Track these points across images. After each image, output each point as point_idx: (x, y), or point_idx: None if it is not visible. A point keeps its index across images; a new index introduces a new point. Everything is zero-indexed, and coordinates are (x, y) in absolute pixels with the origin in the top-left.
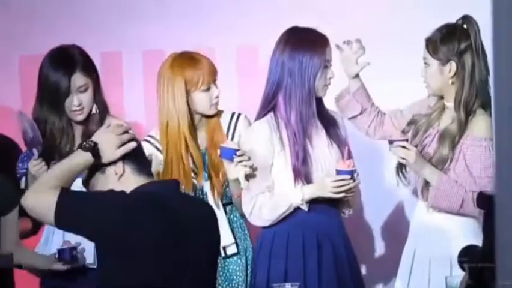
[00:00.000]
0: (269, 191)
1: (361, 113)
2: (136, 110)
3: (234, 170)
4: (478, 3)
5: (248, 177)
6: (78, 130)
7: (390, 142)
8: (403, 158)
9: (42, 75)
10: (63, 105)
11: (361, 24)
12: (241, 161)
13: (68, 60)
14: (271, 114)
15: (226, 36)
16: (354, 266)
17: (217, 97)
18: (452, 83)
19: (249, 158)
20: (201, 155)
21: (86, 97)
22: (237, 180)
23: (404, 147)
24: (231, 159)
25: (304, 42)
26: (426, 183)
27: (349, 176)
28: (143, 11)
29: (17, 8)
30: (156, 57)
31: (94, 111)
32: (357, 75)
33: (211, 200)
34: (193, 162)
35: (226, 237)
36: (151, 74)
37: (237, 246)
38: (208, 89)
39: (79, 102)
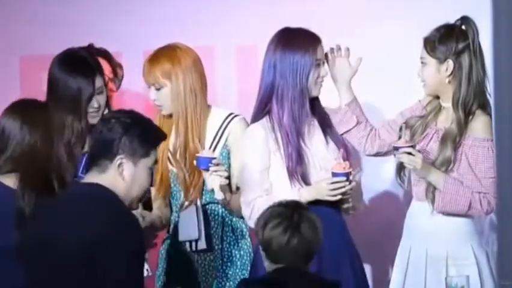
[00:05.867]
0: (267, 194)
1: (357, 124)
2: (136, 110)
3: (209, 180)
4: (478, 3)
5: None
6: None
7: (396, 148)
8: (409, 164)
9: (57, 81)
10: (85, 109)
11: (360, 24)
12: (216, 171)
13: (85, 64)
14: (266, 117)
15: (226, 36)
16: (357, 266)
17: (154, 100)
18: (449, 82)
19: (226, 169)
20: (173, 145)
21: (103, 98)
22: (213, 191)
23: (409, 153)
24: (207, 169)
25: (294, 42)
26: (429, 186)
27: (345, 178)
28: (143, 11)
29: (17, 9)
30: None
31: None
32: (349, 84)
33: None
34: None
35: (192, 232)
36: None
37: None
38: (148, 87)
39: (98, 105)
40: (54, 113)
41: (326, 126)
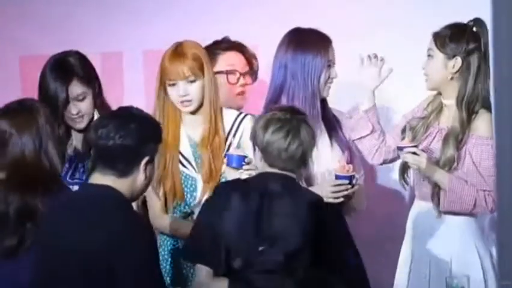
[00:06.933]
0: None
1: (371, 133)
2: None
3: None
4: (478, 3)
5: None
6: (78, 137)
7: (400, 148)
8: (414, 164)
9: (42, 84)
10: (61, 114)
11: (360, 23)
12: (248, 170)
13: (65, 69)
14: None
15: (226, 36)
16: (358, 265)
17: (184, 95)
18: (452, 78)
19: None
20: (189, 146)
21: (85, 105)
22: None
23: (414, 153)
24: (240, 167)
25: (306, 43)
26: (434, 186)
27: (347, 181)
28: (143, 11)
29: (17, 8)
30: (156, 57)
31: (95, 117)
32: (373, 91)
33: (199, 193)
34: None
35: None
36: (151, 74)
37: None
38: (174, 84)
39: (77, 111)
40: (41, 111)
41: (332, 128)
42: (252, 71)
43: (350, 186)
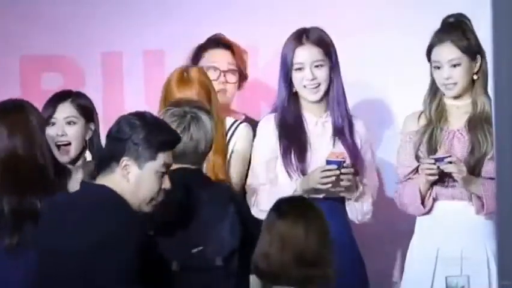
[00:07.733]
0: (271, 183)
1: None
2: (136, 110)
3: None
4: (477, 3)
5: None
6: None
7: (440, 159)
8: (458, 174)
9: None
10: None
11: (360, 23)
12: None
13: (64, 92)
14: None
15: (227, 36)
16: (359, 268)
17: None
18: (478, 77)
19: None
20: None
21: (73, 131)
22: None
23: (451, 162)
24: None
25: (285, 44)
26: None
27: (336, 167)
28: (143, 11)
29: (17, 8)
30: (156, 57)
31: (88, 158)
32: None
33: None
34: None
35: None
36: (151, 74)
37: None
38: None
39: (62, 132)
40: (33, 111)
41: (339, 131)
42: (238, 70)
43: (337, 171)
